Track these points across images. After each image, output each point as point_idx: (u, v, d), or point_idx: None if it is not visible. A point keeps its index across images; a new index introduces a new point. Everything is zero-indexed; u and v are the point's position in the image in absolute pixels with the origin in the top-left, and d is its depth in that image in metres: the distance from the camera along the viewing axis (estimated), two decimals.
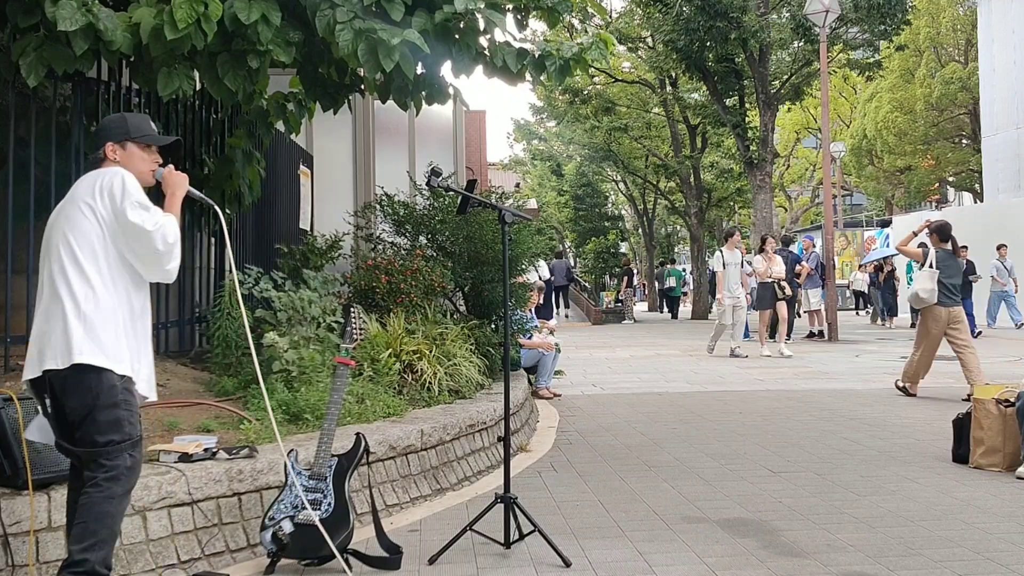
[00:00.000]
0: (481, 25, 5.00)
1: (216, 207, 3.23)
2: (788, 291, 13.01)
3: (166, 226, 2.87)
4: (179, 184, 3.08)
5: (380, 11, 4.49)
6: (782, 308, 12.87)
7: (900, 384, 8.30)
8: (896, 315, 19.50)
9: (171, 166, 3.11)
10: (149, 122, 3.12)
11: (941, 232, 8.16)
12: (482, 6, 4.64)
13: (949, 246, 8.10)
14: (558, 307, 22.96)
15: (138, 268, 2.92)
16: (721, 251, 12.86)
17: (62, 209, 2.95)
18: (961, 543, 3.81)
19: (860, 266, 22.52)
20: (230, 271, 3.37)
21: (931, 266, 8.01)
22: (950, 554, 3.66)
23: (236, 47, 4.41)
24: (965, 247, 12.25)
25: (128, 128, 3.03)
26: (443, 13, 4.61)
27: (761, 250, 13.20)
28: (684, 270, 31.74)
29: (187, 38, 4.00)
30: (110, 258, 2.88)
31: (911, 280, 16.91)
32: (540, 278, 19.16)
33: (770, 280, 12.72)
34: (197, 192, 3.15)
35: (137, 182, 2.93)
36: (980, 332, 15.12)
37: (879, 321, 19.70)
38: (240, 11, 4.16)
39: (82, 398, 2.80)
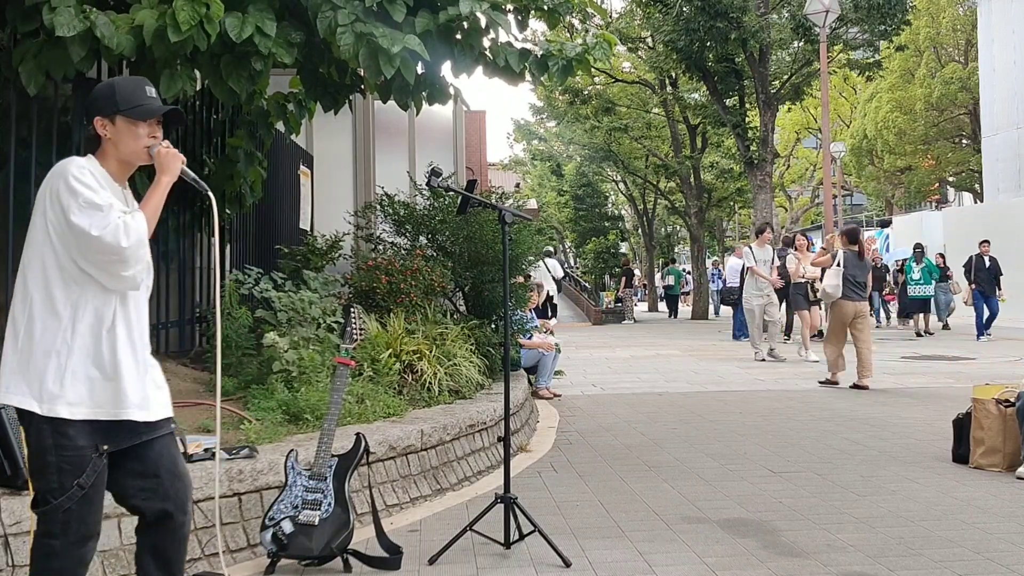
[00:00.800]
0: (483, 25, 4.99)
1: (211, 194, 2.82)
2: (821, 295, 12.15)
3: (122, 228, 2.40)
4: (168, 167, 2.60)
5: (382, 11, 4.48)
6: (808, 312, 11.87)
7: (858, 382, 8.74)
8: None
9: (166, 143, 2.64)
10: (144, 89, 2.61)
11: (849, 235, 9.13)
12: (486, 7, 4.63)
13: (856, 248, 8.89)
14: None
15: (96, 277, 2.47)
16: (751, 248, 11.87)
17: None
18: (961, 543, 3.81)
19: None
20: (220, 263, 2.88)
21: (838, 265, 8.77)
22: (950, 554, 3.66)
23: (239, 48, 4.41)
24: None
25: (116, 100, 2.56)
26: (447, 15, 4.60)
27: (793, 247, 12.42)
28: (684, 270, 31.76)
29: (190, 40, 4.00)
30: (65, 272, 2.46)
31: (910, 281, 16.97)
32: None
33: (803, 280, 11.83)
34: (192, 174, 2.71)
35: (91, 174, 2.48)
36: (990, 336, 15.13)
37: (901, 320, 18.57)
38: (232, 28, 4.12)
39: (25, 436, 2.52)
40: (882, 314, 19.92)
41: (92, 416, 2.47)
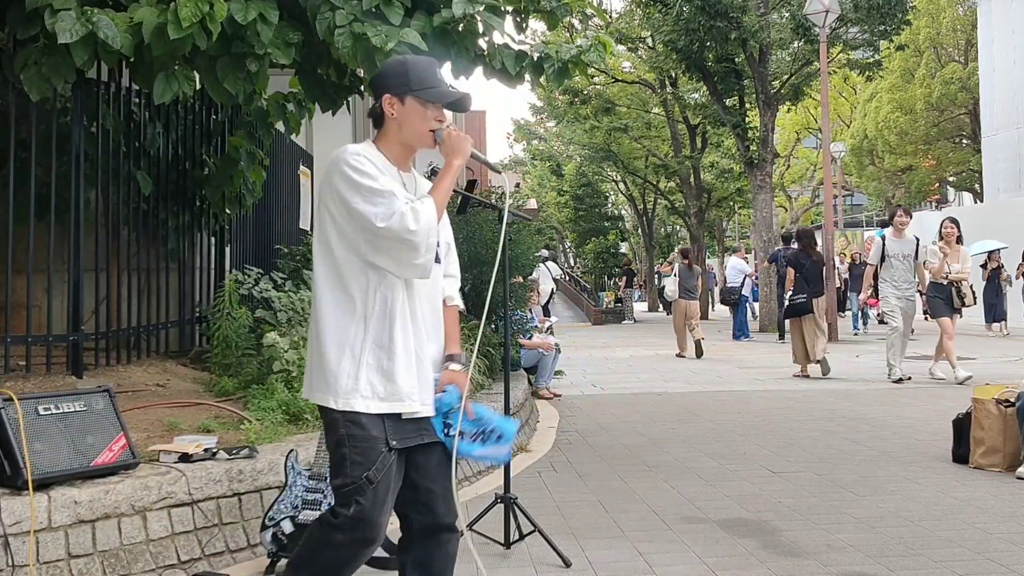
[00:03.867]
0: (480, 28, 4.99)
1: (503, 173, 2.67)
2: (969, 299, 9.18)
3: (409, 214, 2.29)
4: (459, 149, 2.45)
5: (379, 13, 4.48)
6: (950, 320, 9.13)
7: (678, 353, 13.04)
8: (1002, 319, 16.26)
9: (452, 126, 2.49)
10: (434, 69, 2.49)
11: (683, 253, 13.88)
12: (481, 9, 4.63)
13: (687, 262, 13.29)
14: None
15: (385, 267, 2.38)
16: (884, 238, 9.40)
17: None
18: (961, 543, 3.81)
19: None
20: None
21: (675, 275, 13.40)
22: (950, 554, 3.66)
23: (235, 50, 4.40)
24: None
25: (409, 78, 2.42)
26: (441, 17, 4.60)
27: (940, 238, 9.28)
28: None
29: (189, 38, 3.98)
30: (353, 264, 2.39)
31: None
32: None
33: (944, 281, 9.07)
34: (482, 155, 2.57)
35: (368, 160, 2.37)
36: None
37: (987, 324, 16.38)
38: (237, 12, 4.12)
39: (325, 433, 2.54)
40: (859, 321, 17.23)
41: (383, 410, 2.39)
